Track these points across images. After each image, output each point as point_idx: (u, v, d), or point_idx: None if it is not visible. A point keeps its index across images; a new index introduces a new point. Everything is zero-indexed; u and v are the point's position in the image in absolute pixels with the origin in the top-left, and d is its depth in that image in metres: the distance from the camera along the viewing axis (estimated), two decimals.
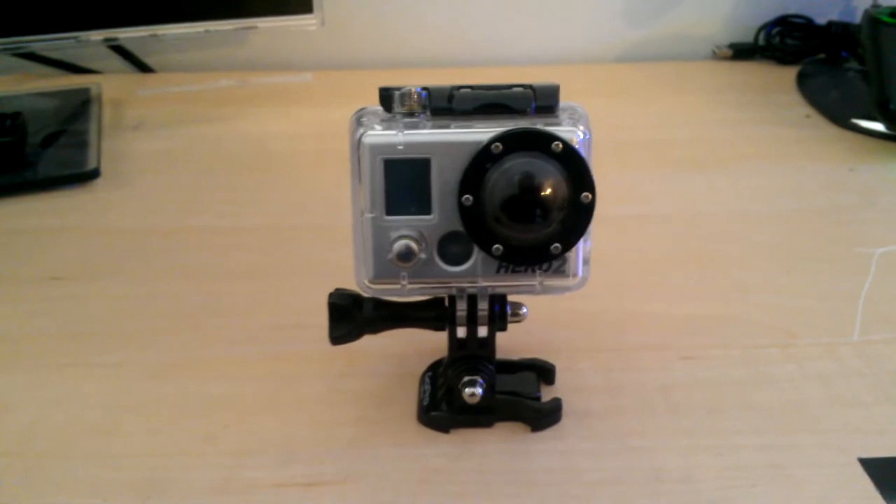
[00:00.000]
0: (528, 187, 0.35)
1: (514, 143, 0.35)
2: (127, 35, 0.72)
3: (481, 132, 0.36)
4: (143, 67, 0.88)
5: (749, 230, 0.59)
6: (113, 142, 0.72)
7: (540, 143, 0.35)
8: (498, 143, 0.35)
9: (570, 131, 0.36)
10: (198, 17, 0.72)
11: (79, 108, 0.76)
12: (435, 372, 0.45)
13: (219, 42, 0.87)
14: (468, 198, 0.36)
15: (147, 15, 0.72)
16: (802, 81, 0.82)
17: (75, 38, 0.71)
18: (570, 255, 0.37)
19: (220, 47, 0.88)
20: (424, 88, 0.37)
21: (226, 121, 0.76)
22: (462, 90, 0.37)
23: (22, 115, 0.68)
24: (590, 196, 0.36)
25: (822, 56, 0.87)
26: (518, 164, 0.35)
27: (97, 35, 0.71)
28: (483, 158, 0.35)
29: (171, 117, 0.77)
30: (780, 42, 0.88)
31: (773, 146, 0.71)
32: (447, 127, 0.36)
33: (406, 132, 0.36)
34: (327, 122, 0.75)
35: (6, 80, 0.83)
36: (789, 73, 0.84)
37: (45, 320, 0.51)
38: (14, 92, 0.79)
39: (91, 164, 0.66)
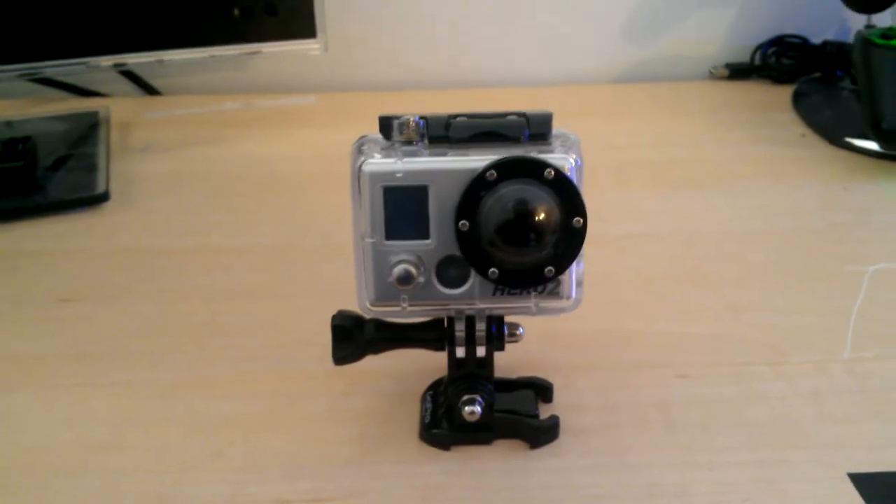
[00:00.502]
0: (522, 213, 0.36)
1: (508, 170, 0.36)
2: (135, 60, 0.74)
3: (477, 160, 0.37)
4: (150, 90, 0.89)
5: (744, 249, 0.61)
6: (121, 164, 0.73)
7: (533, 170, 0.36)
8: (493, 171, 0.36)
9: (562, 159, 0.37)
10: (204, 43, 0.74)
11: (87, 131, 0.78)
12: (436, 390, 0.46)
13: (224, 65, 0.89)
14: (465, 223, 0.37)
15: (155, 40, 0.73)
16: (798, 100, 0.84)
17: (85, 63, 0.73)
18: (564, 277, 0.39)
19: (225, 70, 0.90)
20: (422, 117, 0.38)
21: (231, 143, 0.78)
22: (458, 119, 0.39)
23: (33, 139, 0.70)
24: (581, 221, 0.37)
25: (817, 75, 0.88)
26: (512, 191, 0.36)
27: (107, 61, 0.73)
28: (478, 185, 0.37)
29: (178, 140, 0.79)
30: (776, 62, 0.89)
31: (769, 165, 0.73)
32: (444, 155, 0.38)
33: (404, 160, 0.38)
34: (330, 144, 0.77)
35: (17, 103, 0.85)
36: (785, 93, 0.86)
37: (54, 341, 0.52)
38: (25, 116, 0.81)
39: (100, 188, 0.68)
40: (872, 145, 0.72)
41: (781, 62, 0.89)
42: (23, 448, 0.44)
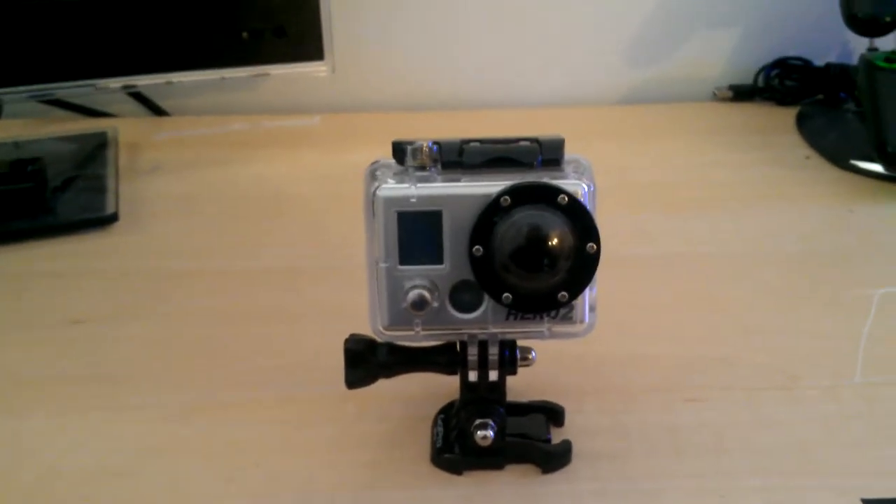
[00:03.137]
0: (536, 238, 0.36)
1: (521, 196, 0.37)
2: (144, 82, 0.74)
3: (490, 185, 0.37)
4: (158, 111, 0.90)
5: (751, 271, 0.61)
6: (129, 185, 0.73)
7: (546, 196, 0.37)
8: (506, 197, 0.37)
9: (575, 184, 0.37)
10: (213, 65, 0.74)
11: (96, 151, 0.78)
12: (447, 414, 0.46)
13: (231, 86, 0.90)
14: (478, 248, 0.37)
15: (164, 62, 0.74)
16: (802, 122, 0.84)
17: (93, 84, 0.73)
18: (577, 302, 0.39)
19: (232, 91, 0.90)
20: (436, 143, 0.39)
21: (238, 164, 0.78)
22: (471, 144, 0.39)
23: (42, 160, 0.70)
24: (595, 247, 0.37)
25: (820, 97, 0.88)
26: (526, 217, 0.37)
27: (116, 83, 0.73)
28: (492, 211, 0.37)
29: (186, 161, 0.79)
30: (780, 84, 0.89)
31: (774, 187, 0.73)
32: (458, 180, 0.38)
33: (419, 185, 0.38)
34: (336, 165, 0.77)
35: (25, 123, 0.85)
36: (789, 115, 0.86)
37: (65, 363, 0.52)
38: (33, 136, 0.81)
39: (109, 209, 0.68)
40: (878, 168, 0.72)
41: (784, 84, 0.89)
42: (34, 474, 0.44)
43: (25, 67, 0.71)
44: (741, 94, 0.90)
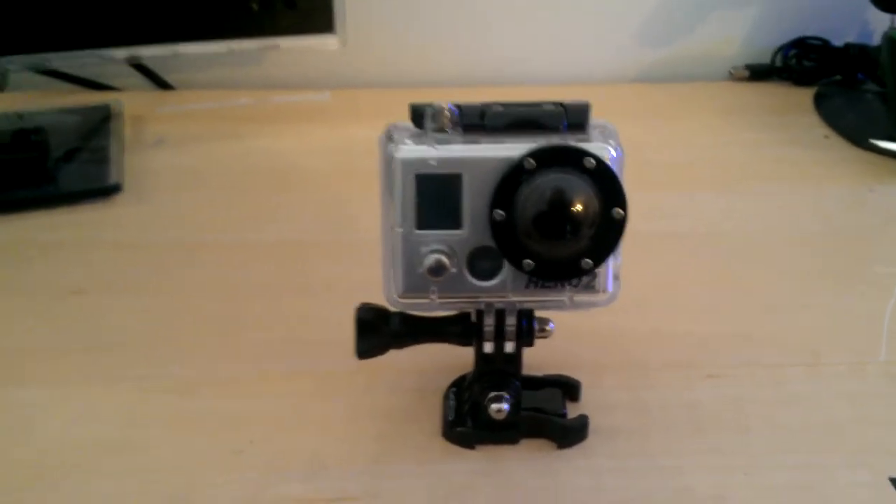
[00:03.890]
0: (560, 203, 0.35)
1: (546, 159, 0.35)
2: (149, 53, 0.73)
3: (513, 148, 0.36)
4: (163, 85, 0.88)
5: (770, 250, 0.59)
6: (134, 158, 0.72)
7: (572, 159, 0.35)
8: (531, 159, 0.35)
9: (601, 148, 0.36)
10: (220, 36, 0.73)
11: (100, 124, 0.77)
12: (459, 388, 0.45)
13: (238, 60, 0.88)
14: (500, 213, 0.36)
15: (170, 33, 0.72)
16: (820, 102, 0.82)
17: (98, 55, 0.72)
18: (600, 270, 0.37)
19: (239, 66, 0.89)
20: (456, 105, 0.37)
21: (245, 138, 0.77)
22: (494, 107, 0.37)
23: (45, 130, 0.69)
24: (621, 212, 0.36)
25: (838, 78, 0.87)
26: (550, 180, 0.35)
27: (120, 53, 0.72)
28: (515, 174, 0.35)
29: (191, 134, 0.78)
30: (797, 63, 0.88)
31: (792, 166, 0.71)
32: (479, 143, 0.37)
33: (438, 147, 0.36)
34: (346, 140, 0.76)
35: (29, 95, 0.84)
36: (806, 95, 0.85)
37: (67, 334, 0.51)
38: (36, 108, 0.80)
39: (113, 179, 0.67)
40: None
41: (802, 64, 0.88)
42: (36, 446, 0.43)
43: (28, 36, 0.69)
44: (758, 73, 0.88)
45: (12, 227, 0.62)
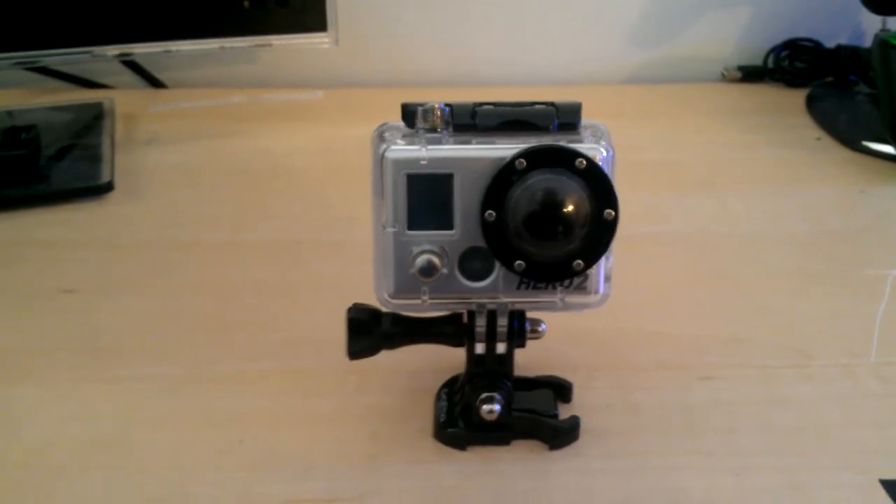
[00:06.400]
0: (551, 204, 0.35)
1: (537, 159, 0.35)
2: (141, 50, 0.72)
3: (505, 148, 0.36)
4: (156, 83, 0.88)
5: (762, 251, 0.59)
6: (126, 156, 0.72)
7: (564, 159, 0.35)
8: (522, 160, 0.35)
9: (593, 148, 0.36)
10: (213, 34, 0.73)
11: (92, 122, 0.76)
12: (451, 388, 0.45)
13: (230, 59, 0.88)
14: (491, 213, 0.36)
15: (162, 31, 0.72)
16: (812, 104, 0.83)
17: (90, 52, 0.71)
18: (592, 271, 0.37)
19: (231, 64, 0.88)
20: (448, 105, 0.37)
21: (238, 137, 0.77)
22: (485, 107, 0.37)
23: (36, 127, 0.69)
24: (613, 213, 0.36)
25: (830, 79, 0.87)
26: (541, 181, 0.35)
27: (112, 50, 0.71)
28: (507, 174, 0.35)
29: (184, 132, 0.77)
30: (789, 65, 0.88)
31: (784, 168, 0.72)
32: (470, 143, 0.36)
33: (429, 147, 0.36)
34: (338, 139, 0.76)
35: (20, 93, 0.83)
36: (798, 96, 0.85)
37: (58, 333, 0.50)
38: (28, 105, 0.79)
39: (105, 178, 0.66)
40: (890, 149, 0.71)
41: (794, 65, 0.88)
42: (25, 446, 0.42)
43: (19, 33, 0.69)
44: (750, 75, 0.89)
45: (3, 226, 0.62)
